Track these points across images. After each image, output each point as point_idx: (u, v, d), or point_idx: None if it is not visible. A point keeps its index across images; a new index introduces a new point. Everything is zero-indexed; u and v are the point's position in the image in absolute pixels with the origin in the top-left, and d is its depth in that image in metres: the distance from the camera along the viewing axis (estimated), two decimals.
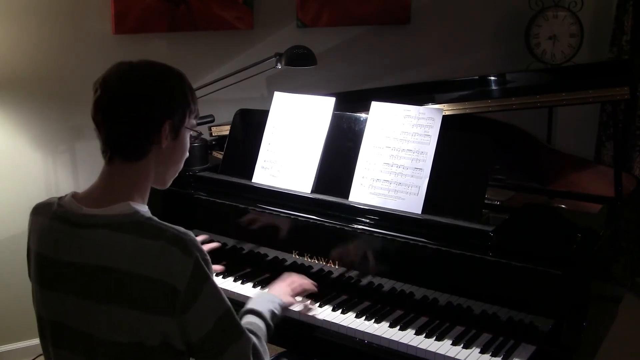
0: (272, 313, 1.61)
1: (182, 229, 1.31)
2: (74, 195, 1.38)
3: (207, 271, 1.30)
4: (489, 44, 4.02)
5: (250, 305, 1.62)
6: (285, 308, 1.72)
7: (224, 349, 1.32)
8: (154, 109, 1.34)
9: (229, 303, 1.35)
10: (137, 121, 1.34)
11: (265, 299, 1.67)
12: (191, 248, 1.28)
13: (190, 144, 1.51)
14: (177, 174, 1.48)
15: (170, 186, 1.50)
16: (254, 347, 1.39)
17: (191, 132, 1.46)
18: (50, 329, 1.37)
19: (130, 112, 1.33)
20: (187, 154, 1.48)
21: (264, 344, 1.48)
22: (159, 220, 1.32)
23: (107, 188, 1.37)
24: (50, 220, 1.36)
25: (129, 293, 1.27)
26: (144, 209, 1.36)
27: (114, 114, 1.34)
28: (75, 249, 1.31)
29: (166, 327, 1.27)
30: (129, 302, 1.27)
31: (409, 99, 2.16)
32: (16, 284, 2.84)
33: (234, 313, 1.36)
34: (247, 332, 1.38)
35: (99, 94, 1.35)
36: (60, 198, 1.39)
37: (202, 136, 2.18)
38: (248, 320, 1.55)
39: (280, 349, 1.98)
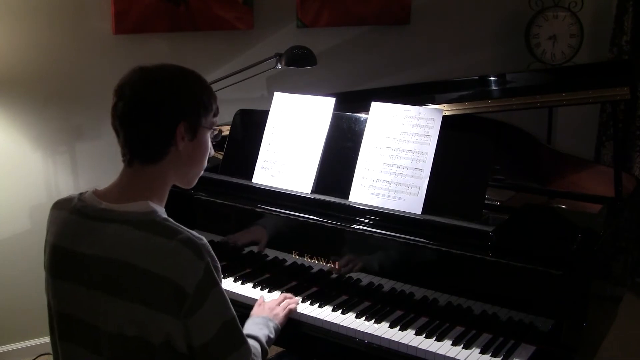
0: (268, 337, 1.65)
1: (196, 233, 1.33)
2: (95, 191, 1.42)
3: (217, 278, 1.32)
4: (489, 44, 4.02)
5: (247, 330, 1.64)
6: (278, 330, 1.73)
7: (224, 357, 1.33)
8: (166, 114, 1.37)
9: (234, 312, 1.36)
10: (152, 127, 1.36)
11: (262, 323, 1.69)
12: (203, 253, 1.30)
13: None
14: (201, 173, 1.51)
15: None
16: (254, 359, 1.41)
17: (211, 131, 1.47)
18: (59, 321, 1.40)
19: (144, 118, 1.36)
20: (212, 152, 1.50)
21: None
22: (175, 222, 1.35)
23: (126, 188, 1.40)
24: (70, 214, 1.39)
25: (137, 288, 1.29)
26: (161, 209, 1.39)
27: (129, 121, 1.37)
28: (89, 241, 1.34)
29: (170, 326, 1.29)
30: (137, 297, 1.29)
31: (409, 99, 2.16)
32: (16, 284, 2.84)
33: (238, 322, 1.37)
34: (248, 342, 1.40)
35: (114, 101, 1.38)
36: (81, 193, 1.43)
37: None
38: None
39: (280, 349, 1.98)
